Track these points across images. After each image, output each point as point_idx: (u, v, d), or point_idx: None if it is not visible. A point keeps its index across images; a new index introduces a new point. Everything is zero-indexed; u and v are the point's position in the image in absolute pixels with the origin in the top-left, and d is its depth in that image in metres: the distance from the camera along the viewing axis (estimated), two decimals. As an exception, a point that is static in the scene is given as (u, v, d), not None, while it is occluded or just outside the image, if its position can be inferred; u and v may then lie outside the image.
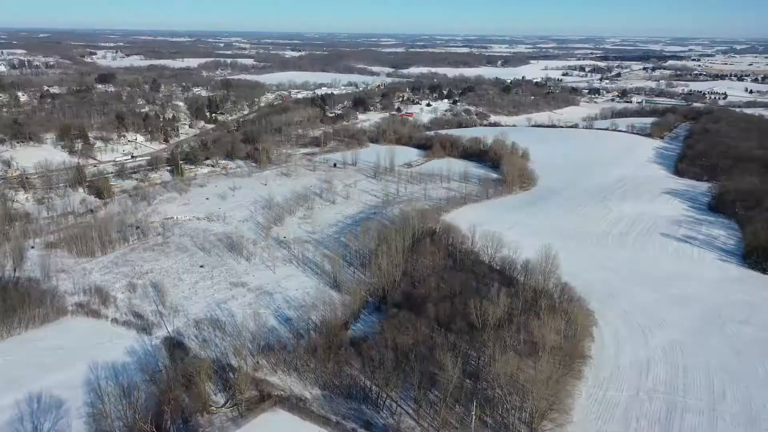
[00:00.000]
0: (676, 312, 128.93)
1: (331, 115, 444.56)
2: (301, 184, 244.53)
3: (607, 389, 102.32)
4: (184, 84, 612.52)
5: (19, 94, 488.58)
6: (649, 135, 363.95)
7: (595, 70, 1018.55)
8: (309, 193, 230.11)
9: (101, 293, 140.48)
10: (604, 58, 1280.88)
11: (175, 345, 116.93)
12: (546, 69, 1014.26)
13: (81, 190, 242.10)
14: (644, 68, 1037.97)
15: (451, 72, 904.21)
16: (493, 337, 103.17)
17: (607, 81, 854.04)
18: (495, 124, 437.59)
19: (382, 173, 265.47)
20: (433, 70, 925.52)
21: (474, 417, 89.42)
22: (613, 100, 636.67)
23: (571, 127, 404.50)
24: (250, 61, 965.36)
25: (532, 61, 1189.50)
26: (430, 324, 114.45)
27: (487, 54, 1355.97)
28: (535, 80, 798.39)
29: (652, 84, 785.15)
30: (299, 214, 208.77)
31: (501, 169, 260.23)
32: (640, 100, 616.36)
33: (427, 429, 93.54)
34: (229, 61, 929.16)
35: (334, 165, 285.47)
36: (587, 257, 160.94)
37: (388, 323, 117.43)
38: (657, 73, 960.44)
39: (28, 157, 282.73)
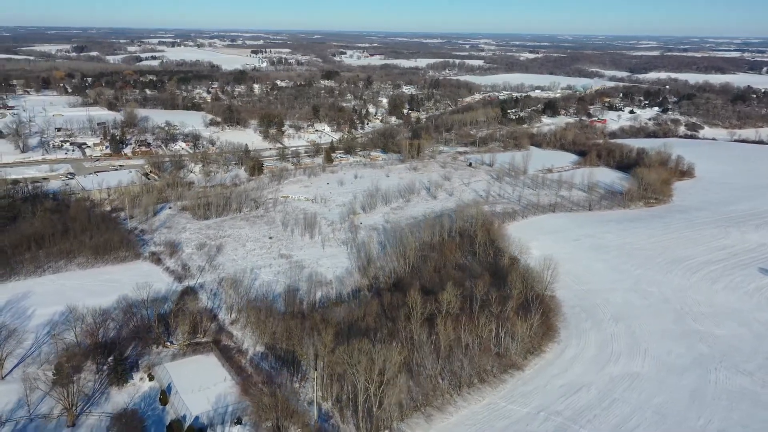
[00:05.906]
0: (673, 347, 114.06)
1: (513, 117, 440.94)
2: (420, 179, 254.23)
3: (513, 403, 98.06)
4: (394, 82, 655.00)
5: (255, 86, 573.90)
6: None
7: None
8: (418, 188, 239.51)
9: (174, 247, 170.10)
10: None
11: (188, 293, 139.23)
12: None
13: (242, 167, 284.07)
14: None
15: (695, 78, 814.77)
16: (405, 331, 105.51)
17: None
18: (692, 137, 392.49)
19: (509, 175, 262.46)
20: (674, 75, 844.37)
21: (315, 395, 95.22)
22: None
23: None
24: (478, 63, 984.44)
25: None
26: (381, 310, 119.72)
27: (755, 60, 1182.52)
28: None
29: None
30: (393, 204, 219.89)
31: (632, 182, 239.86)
32: None
33: (313, 396, 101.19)
34: (457, 62, 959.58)
35: (470, 164, 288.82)
36: (632, 278, 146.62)
37: (353, 304, 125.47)
38: None
39: (233, 138, 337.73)
